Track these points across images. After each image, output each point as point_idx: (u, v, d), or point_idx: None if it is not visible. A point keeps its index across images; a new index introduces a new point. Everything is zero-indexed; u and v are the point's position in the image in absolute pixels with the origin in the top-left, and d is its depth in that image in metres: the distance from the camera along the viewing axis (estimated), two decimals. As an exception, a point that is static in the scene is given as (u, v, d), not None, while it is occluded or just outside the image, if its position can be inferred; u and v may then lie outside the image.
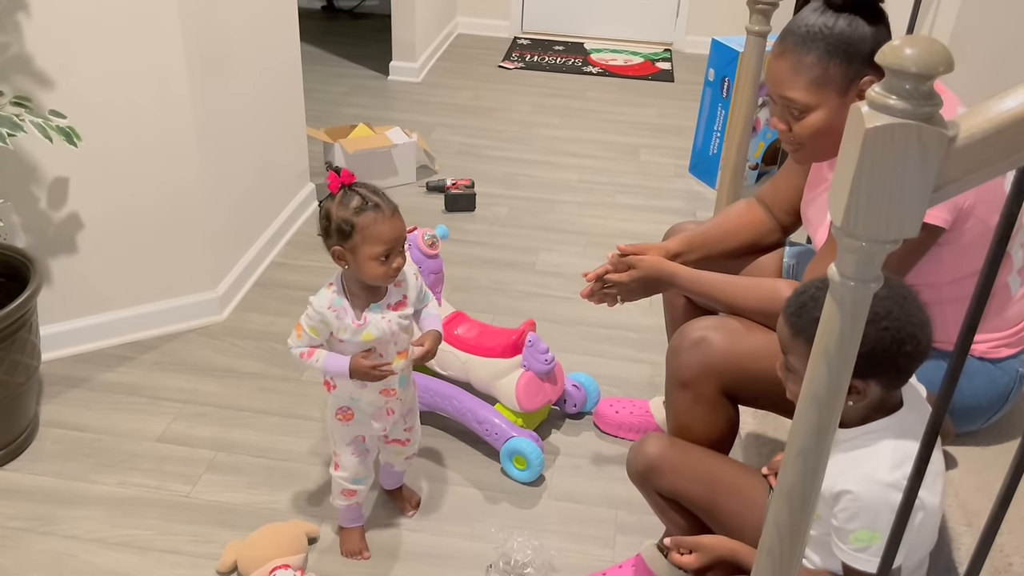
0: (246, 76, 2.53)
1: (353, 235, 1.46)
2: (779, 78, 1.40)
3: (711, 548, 1.31)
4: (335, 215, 1.47)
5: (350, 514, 1.78)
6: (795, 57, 1.37)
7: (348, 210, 1.46)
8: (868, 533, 1.12)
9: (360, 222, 1.46)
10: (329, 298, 1.53)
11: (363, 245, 1.46)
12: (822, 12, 1.36)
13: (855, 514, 1.12)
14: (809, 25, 1.36)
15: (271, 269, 2.76)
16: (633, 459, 1.52)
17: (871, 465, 1.13)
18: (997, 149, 0.75)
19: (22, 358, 1.89)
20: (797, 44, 1.37)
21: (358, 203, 1.46)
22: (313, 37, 4.95)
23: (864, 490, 1.11)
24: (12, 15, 1.91)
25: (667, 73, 4.86)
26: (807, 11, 1.39)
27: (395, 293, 1.57)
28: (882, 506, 1.10)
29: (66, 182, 2.14)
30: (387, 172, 3.32)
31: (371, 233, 1.46)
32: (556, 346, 2.16)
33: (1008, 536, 1.31)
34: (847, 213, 0.75)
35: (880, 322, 1.10)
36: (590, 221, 3.18)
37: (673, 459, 1.48)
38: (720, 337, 1.50)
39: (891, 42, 0.72)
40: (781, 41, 1.41)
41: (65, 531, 1.80)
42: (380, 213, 1.47)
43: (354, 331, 1.52)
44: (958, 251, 1.36)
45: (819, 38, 1.35)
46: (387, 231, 1.47)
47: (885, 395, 1.16)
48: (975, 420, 1.51)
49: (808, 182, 1.63)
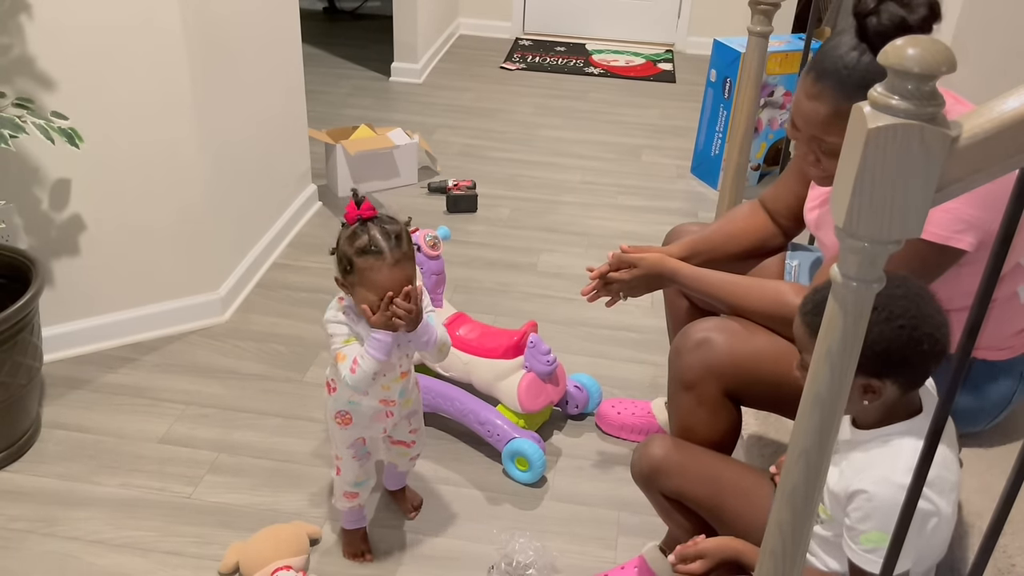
0: (248, 77, 2.53)
1: (352, 273, 1.45)
2: (815, 120, 1.34)
3: (715, 551, 1.30)
4: (342, 247, 1.46)
5: (352, 516, 1.78)
6: (835, 104, 1.30)
7: (353, 248, 1.44)
8: (880, 535, 1.11)
9: (360, 264, 1.43)
10: (338, 309, 1.52)
11: (360, 286, 1.45)
12: (862, 52, 1.28)
13: (868, 515, 1.12)
14: (849, 68, 1.28)
15: (273, 270, 2.76)
16: (637, 461, 1.52)
17: (888, 467, 1.12)
18: (1000, 149, 0.75)
19: (24, 360, 1.89)
20: (837, 89, 1.29)
21: (363, 243, 1.43)
22: (315, 38, 4.95)
23: (879, 491, 1.11)
24: (14, 17, 1.92)
25: (669, 74, 4.86)
26: (844, 47, 1.30)
27: None
28: (896, 508, 1.10)
29: (68, 184, 2.14)
30: (389, 173, 3.32)
31: (367, 278, 1.43)
32: (558, 347, 2.16)
33: (1011, 537, 1.31)
34: (849, 214, 0.75)
35: (896, 320, 1.09)
36: (592, 222, 3.18)
37: (678, 461, 1.48)
38: (723, 339, 1.50)
39: (893, 42, 0.72)
40: (817, 81, 1.32)
41: (67, 532, 1.80)
42: (381, 260, 1.42)
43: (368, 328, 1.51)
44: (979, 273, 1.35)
45: (861, 85, 1.22)
46: (383, 280, 1.42)
47: (903, 397, 1.15)
48: (978, 422, 1.50)
49: (812, 184, 1.63)
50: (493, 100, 4.34)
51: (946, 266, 1.32)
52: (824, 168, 1.39)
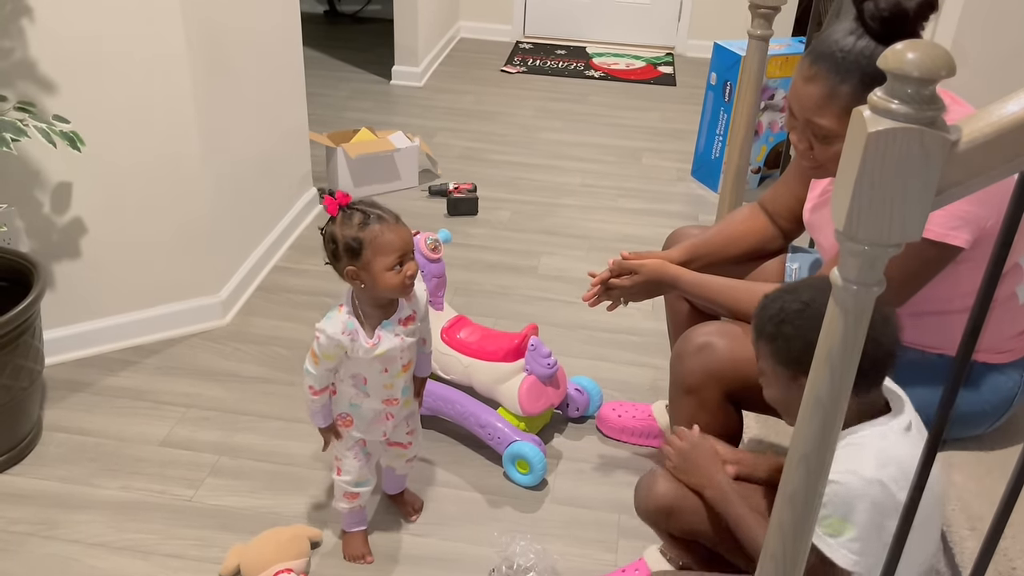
0: (249, 80, 2.54)
1: (363, 251, 1.46)
2: (809, 103, 1.33)
3: None
4: (341, 236, 1.47)
5: (353, 518, 1.78)
6: (829, 85, 1.29)
7: (353, 227, 1.46)
8: (839, 522, 1.13)
9: (367, 236, 1.46)
10: (342, 322, 1.52)
11: (375, 258, 1.46)
12: (859, 36, 1.27)
13: (830, 500, 1.13)
14: (845, 51, 1.28)
15: (274, 273, 2.76)
16: (643, 501, 1.49)
17: (855, 462, 1.14)
18: (999, 153, 0.75)
19: (25, 362, 1.89)
20: (831, 71, 1.29)
21: (360, 219, 1.47)
22: (315, 42, 4.96)
23: (844, 480, 1.13)
24: (16, 21, 1.92)
25: (669, 77, 4.86)
26: (841, 31, 1.30)
27: (406, 308, 1.57)
28: (860, 499, 1.12)
29: (69, 187, 2.14)
30: (389, 176, 3.33)
31: (380, 244, 1.46)
32: (558, 350, 2.16)
33: (1012, 540, 1.31)
34: (849, 217, 0.76)
35: None
36: (592, 225, 3.18)
37: (687, 499, 1.43)
38: (724, 343, 1.50)
39: (893, 46, 0.72)
40: (813, 63, 1.31)
41: (68, 535, 1.80)
42: (385, 223, 1.47)
43: (367, 350, 1.53)
44: (978, 269, 1.35)
45: (855, 68, 1.27)
46: (395, 239, 1.47)
47: (862, 400, 1.17)
48: (979, 425, 1.50)
49: (811, 185, 1.63)
50: (494, 103, 4.35)
51: (944, 264, 1.33)
52: (816, 156, 1.38)
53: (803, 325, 1.14)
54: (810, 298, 1.17)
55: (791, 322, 1.17)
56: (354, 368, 1.57)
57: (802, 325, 1.15)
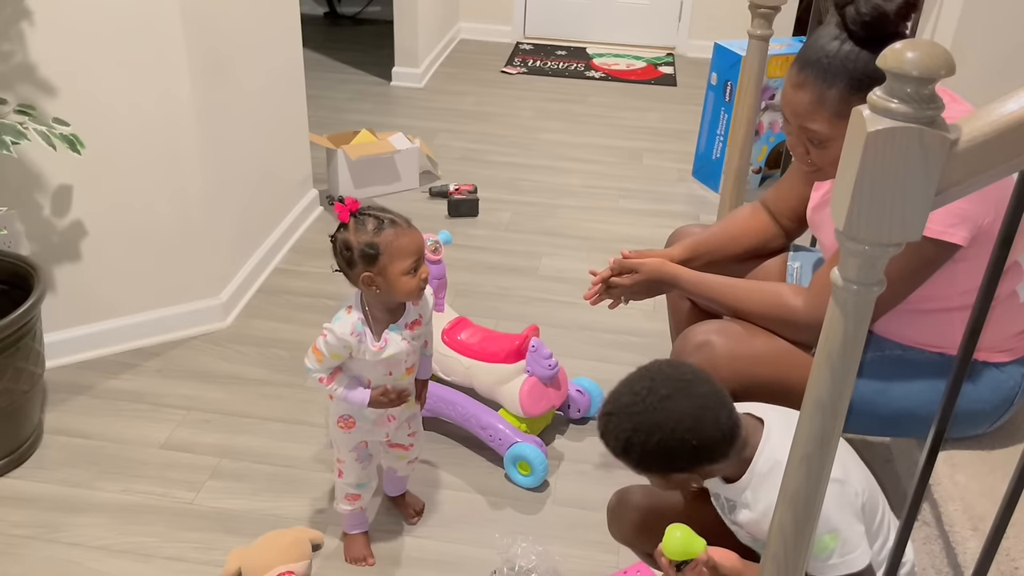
0: (249, 82, 2.54)
1: (380, 256, 1.46)
2: (800, 109, 1.36)
3: None
4: (355, 242, 1.47)
5: (354, 520, 1.78)
6: (817, 91, 1.32)
7: (367, 233, 1.46)
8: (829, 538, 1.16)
9: (383, 241, 1.46)
10: (351, 324, 1.52)
11: (392, 263, 1.46)
12: (843, 41, 1.29)
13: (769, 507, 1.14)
14: (830, 56, 1.30)
15: (274, 275, 2.76)
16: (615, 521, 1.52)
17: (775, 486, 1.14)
18: (999, 152, 0.75)
19: (26, 365, 1.89)
20: (819, 77, 1.31)
21: (374, 224, 1.46)
22: (316, 43, 4.96)
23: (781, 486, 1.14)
24: (16, 24, 1.92)
25: (670, 77, 4.86)
26: (826, 37, 1.32)
27: (413, 312, 1.58)
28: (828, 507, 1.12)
29: (70, 190, 2.14)
30: (390, 178, 3.33)
31: (396, 248, 1.46)
32: (560, 351, 2.15)
33: (1014, 540, 1.31)
34: (849, 217, 0.75)
35: (654, 435, 1.19)
36: (593, 226, 3.18)
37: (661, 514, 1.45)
38: (724, 341, 1.50)
39: (892, 45, 0.72)
40: (800, 70, 1.34)
41: (70, 538, 1.80)
42: (398, 228, 1.47)
43: (374, 353, 1.53)
44: (975, 268, 1.35)
45: (842, 72, 1.29)
46: (410, 243, 1.47)
47: (735, 451, 1.21)
48: (980, 424, 1.50)
49: (815, 185, 1.63)
50: (494, 104, 4.35)
51: (941, 262, 1.33)
52: (813, 160, 1.41)
53: (645, 442, 1.20)
54: (639, 411, 1.21)
55: (632, 447, 1.22)
56: (357, 369, 1.57)
57: (645, 442, 1.20)
